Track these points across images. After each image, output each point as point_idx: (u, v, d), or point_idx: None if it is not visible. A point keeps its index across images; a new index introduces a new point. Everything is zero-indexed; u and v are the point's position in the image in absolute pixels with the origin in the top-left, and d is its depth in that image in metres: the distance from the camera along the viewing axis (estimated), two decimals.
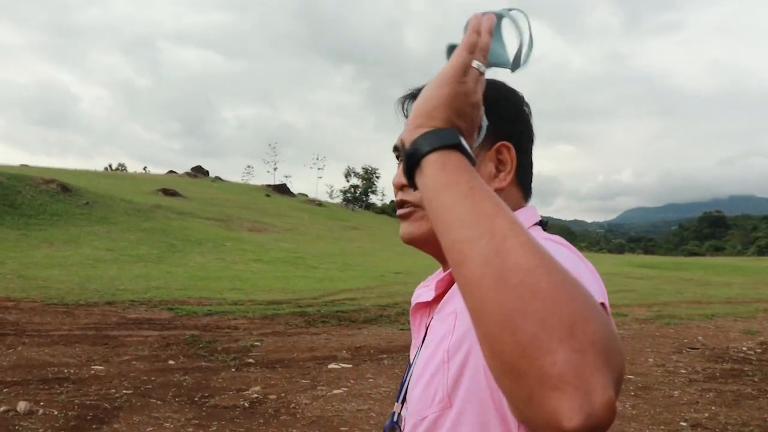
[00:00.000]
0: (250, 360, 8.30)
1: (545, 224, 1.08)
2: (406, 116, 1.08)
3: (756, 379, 7.93)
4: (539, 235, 0.98)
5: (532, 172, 1.12)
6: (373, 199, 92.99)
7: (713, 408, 6.64)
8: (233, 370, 7.77)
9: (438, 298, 1.01)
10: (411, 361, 1.08)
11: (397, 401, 1.05)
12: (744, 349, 9.95)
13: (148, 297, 13.39)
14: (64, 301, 12.46)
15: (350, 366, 8.18)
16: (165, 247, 23.82)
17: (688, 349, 9.87)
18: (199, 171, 75.35)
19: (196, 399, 6.51)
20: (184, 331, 9.90)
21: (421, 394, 0.92)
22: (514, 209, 0.99)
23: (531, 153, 1.11)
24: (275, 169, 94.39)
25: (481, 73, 0.79)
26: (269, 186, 76.97)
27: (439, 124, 0.76)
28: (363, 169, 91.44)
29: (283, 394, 6.75)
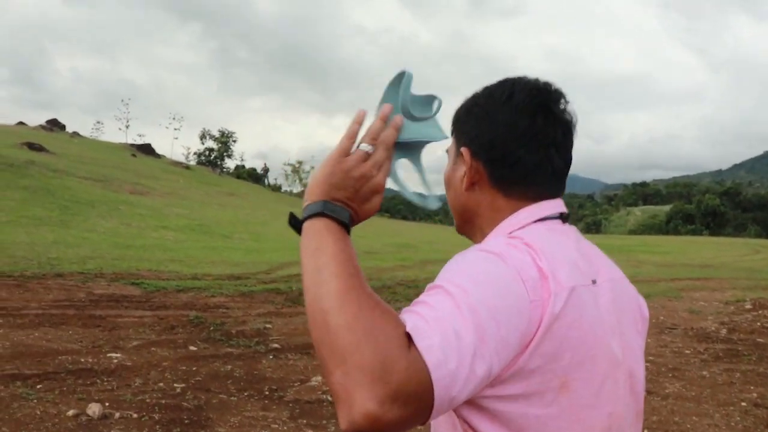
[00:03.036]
0: (276, 345, 7.70)
1: (566, 217, 1.09)
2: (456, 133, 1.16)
3: (754, 359, 8.50)
4: (501, 241, 0.99)
5: (529, 169, 1.07)
6: (229, 163, 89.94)
7: (752, 387, 7.02)
8: (271, 357, 7.17)
9: None
10: None
11: None
12: (713, 329, 10.66)
13: (91, 269, 12.04)
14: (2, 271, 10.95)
15: None
16: (59, 209, 21.54)
17: (668, 329, 10.42)
18: (54, 125, 68.96)
19: (267, 393, 5.92)
20: (177, 312, 9.00)
21: None
22: (490, 210, 1.08)
23: (521, 151, 1.06)
24: (127, 126, 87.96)
25: (368, 153, 0.96)
26: (133, 145, 71.99)
27: (315, 198, 0.95)
28: (220, 132, 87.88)
29: None
